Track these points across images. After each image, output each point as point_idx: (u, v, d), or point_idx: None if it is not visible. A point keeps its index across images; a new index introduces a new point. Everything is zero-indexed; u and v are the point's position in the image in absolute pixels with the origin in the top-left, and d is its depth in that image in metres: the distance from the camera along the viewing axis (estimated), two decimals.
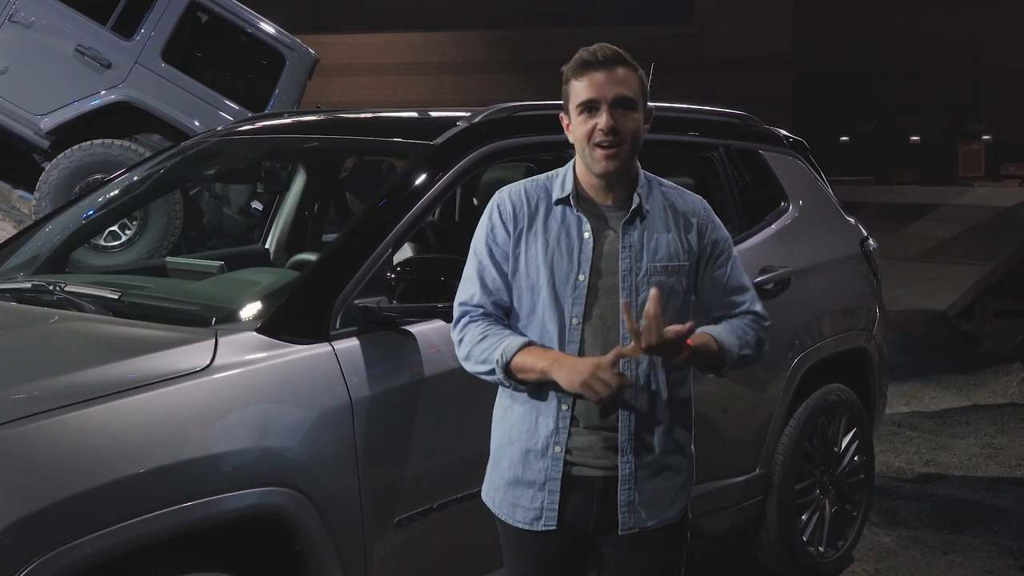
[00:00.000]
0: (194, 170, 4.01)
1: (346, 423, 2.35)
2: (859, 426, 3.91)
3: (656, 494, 2.09)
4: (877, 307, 4.07)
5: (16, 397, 2.06)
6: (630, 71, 2.02)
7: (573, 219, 2.07)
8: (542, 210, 2.09)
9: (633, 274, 2.04)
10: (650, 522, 2.09)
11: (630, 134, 2.01)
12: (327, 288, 2.47)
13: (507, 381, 2.05)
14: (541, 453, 2.07)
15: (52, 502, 1.92)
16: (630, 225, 2.06)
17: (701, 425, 3.20)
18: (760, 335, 2.18)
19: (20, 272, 3.19)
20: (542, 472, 2.07)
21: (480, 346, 2.06)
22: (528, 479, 2.09)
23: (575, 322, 2.04)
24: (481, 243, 2.11)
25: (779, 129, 4.08)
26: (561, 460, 2.06)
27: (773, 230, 3.68)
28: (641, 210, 2.07)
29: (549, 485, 2.07)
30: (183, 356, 2.24)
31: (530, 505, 2.09)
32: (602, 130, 1.99)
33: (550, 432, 2.06)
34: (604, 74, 1.99)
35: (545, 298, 2.05)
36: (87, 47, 6.99)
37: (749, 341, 2.15)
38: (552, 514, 2.07)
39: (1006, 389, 7.58)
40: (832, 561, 3.82)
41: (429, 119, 3.28)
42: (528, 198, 2.10)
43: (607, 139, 1.99)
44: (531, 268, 2.07)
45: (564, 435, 2.05)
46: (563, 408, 2.05)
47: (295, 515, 2.24)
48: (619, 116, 2.00)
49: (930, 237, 13.27)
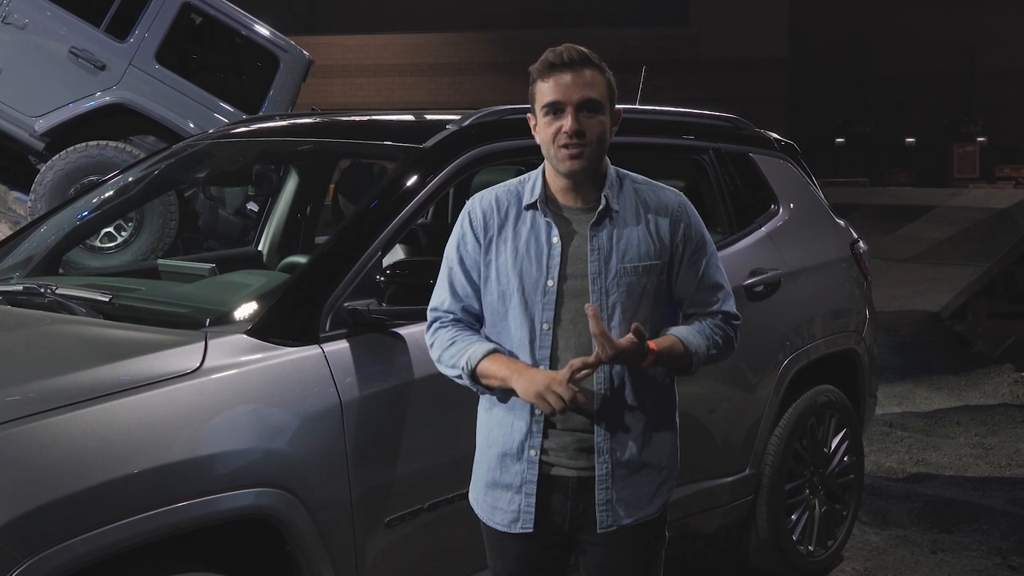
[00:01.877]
0: (188, 172, 4.02)
1: (336, 425, 2.37)
2: (849, 427, 3.93)
3: (635, 492, 2.10)
4: (867, 309, 4.10)
5: (8, 399, 2.07)
6: (597, 73, 2.02)
7: (542, 224, 2.07)
8: (512, 216, 2.10)
9: (602, 277, 2.04)
10: (628, 520, 2.10)
11: (595, 136, 2.01)
12: (317, 290, 2.49)
13: (474, 386, 2.10)
14: (516, 456, 2.09)
15: (44, 503, 1.94)
16: (598, 227, 2.06)
17: (691, 425, 3.25)
18: (729, 334, 2.17)
19: (15, 273, 3.21)
20: (518, 475, 2.09)
21: (448, 351, 2.11)
22: (505, 482, 2.12)
23: (546, 327, 2.05)
24: (452, 250, 2.14)
25: (770, 132, 4.10)
26: (536, 463, 2.08)
27: (763, 233, 3.70)
28: (609, 211, 2.06)
29: (525, 488, 2.09)
30: (173, 358, 2.25)
31: (507, 508, 2.12)
32: (567, 132, 1.99)
33: (524, 435, 2.09)
34: (571, 76, 1.99)
35: (516, 304, 2.07)
36: (81, 49, 7.00)
37: (717, 341, 2.15)
38: (528, 516, 2.09)
39: (997, 390, 7.61)
40: (822, 560, 3.85)
41: (419, 123, 3.30)
42: (499, 204, 2.11)
43: (572, 141, 2.00)
44: (502, 275, 2.08)
45: (538, 438, 2.07)
46: (536, 412, 2.07)
47: (286, 516, 2.26)
48: (584, 119, 2.00)
49: (925, 238, 13.30)
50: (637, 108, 3.61)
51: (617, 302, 2.03)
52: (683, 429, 2.27)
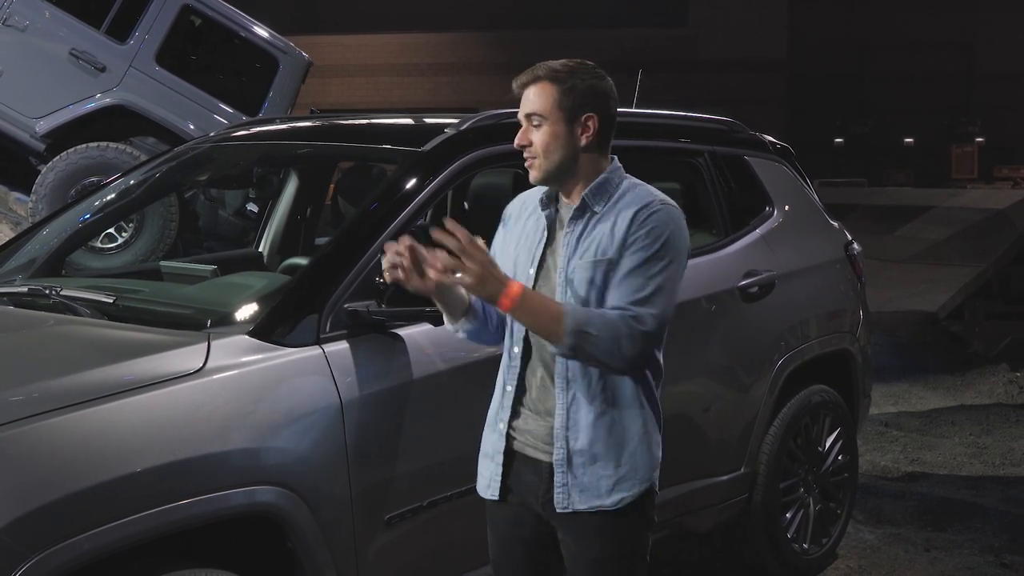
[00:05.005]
0: (189, 174, 4.06)
1: (337, 424, 2.41)
2: (843, 426, 3.97)
3: (592, 481, 2.17)
4: (861, 310, 4.14)
5: (14, 399, 2.11)
6: (543, 86, 2.15)
7: (543, 218, 2.24)
8: (529, 211, 2.28)
9: (566, 269, 2.17)
10: (582, 505, 2.16)
11: (540, 146, 2.15)
12: (317, 292, 2.53)
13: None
14: (492, 428, 2.28)
15: (50, 500, 1.98)
16: (575, 222, 2.18)
17: (687, 424, 3.30)
18: (621, 331, 2.03)
19: (18, 275, 3.24)
20: (492, 445, 2.27)
21: None
22: (485, 450, 2.30)
23: None
24: (495, 246, 2.33)
25: (765, 135, 4.14)
26: (504, 435, 2.24)
27: (758, 234, 3.74)
28: (586, 208, 2.17)
29: (496, 458, 2.26)
30: (177, 359, 2.29)
31: (484, 473, 2.30)
32: (516, 144, 2.19)
33: (497, 409, 2.27)
34: (522, 95, 2.19)
35: None
36: (81, 51, 7.03)
37: (604, 328, 2.02)
38: (496, 484, 2.25)
39: (992, 390, 7.66)
40: (816, 558, 3.89)
41: (418, 126, 3.34)
42: (527, 202, 2.31)
43: (523, 151, 2.18)
44: (504, 260, 2.24)
45: (507, 412, 2.23)
46: (507, 389, 2.24)
47: (288, 513, 2.30)
48: (531, 131, 2.17)
49: (922, 239, 13.32)
50: (633, 112, 3.65)
51: (573, 294, 2.14)
52: (678, 428, 2.31)
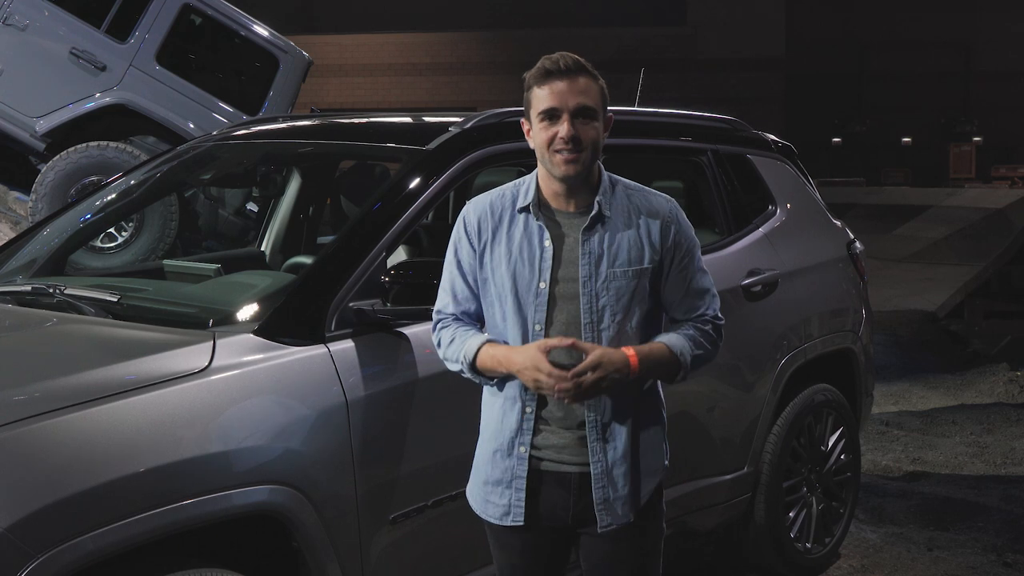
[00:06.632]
0: (190, 174, 4.05)
1: (342, 423, 2.41)
2: (845, 425, 3.97)
3: (632, 490, 2.14)
4: (863, 309, 4.14)
5: (19, 398, 2.10)
6: (591, 80, 2.07)
7: (535, 227, 2.12)
8: (506, 220, 2.15)
9: (592, 280, 2.08)
10: (626, 518, 2.14)
11: (590, 142, 2.06)
12: (322, 291, 2.53)
13: (476, 378, 2.18)
14: (507, 453, 2.16)
15: (55, 500, 1.97)
16: (590, 231, 2.10)
17: (690, 424, 3.29)
18: (714, 336, 2.20)
19: (19, 275, 3.23)
20: (508, 471, 2.16)
21: (451, 348, 2.20)
22: (496, 478, 2.18)
23: (538, 328, 2.10)
24: (451, 256, 2.22)
25: (767, 134, 4.14)
26: (526, 459, 2.14)
27: (761, 233, 3.74)
28: (602, 216, 2.11)
29: (515, 483, 2.15)
30: (182, 358, 2.29)
31: (499, 502, 2.18)
32: (563, 139, 2.04)
33: (514, 432, 2.15)
34: (566, 83, 2.04)
35: (510, 306, 2.12)
36: (81, 50, 7.03)
37: (704, 344, 2.18)
38: (519, 511, 2.15)
39: (992, 389, 7.66)
40: (819, 557, 3.89)
41: (421, 125, 3.34)
42: (492, 210, 2.17)
43: (567, 147, 2.04)
44: (497, 278, 2.14)
45: (528, 435, 2.13)
46: (527, 411, 2.13)
47: (293, 512, 2.30)
48: (580, 125, 2.05)
49: (921, 238, 13.35)
50: (636, 110, 3.65)
51: (606, 305, 2.08)
52: (682, 427, 2.31)
